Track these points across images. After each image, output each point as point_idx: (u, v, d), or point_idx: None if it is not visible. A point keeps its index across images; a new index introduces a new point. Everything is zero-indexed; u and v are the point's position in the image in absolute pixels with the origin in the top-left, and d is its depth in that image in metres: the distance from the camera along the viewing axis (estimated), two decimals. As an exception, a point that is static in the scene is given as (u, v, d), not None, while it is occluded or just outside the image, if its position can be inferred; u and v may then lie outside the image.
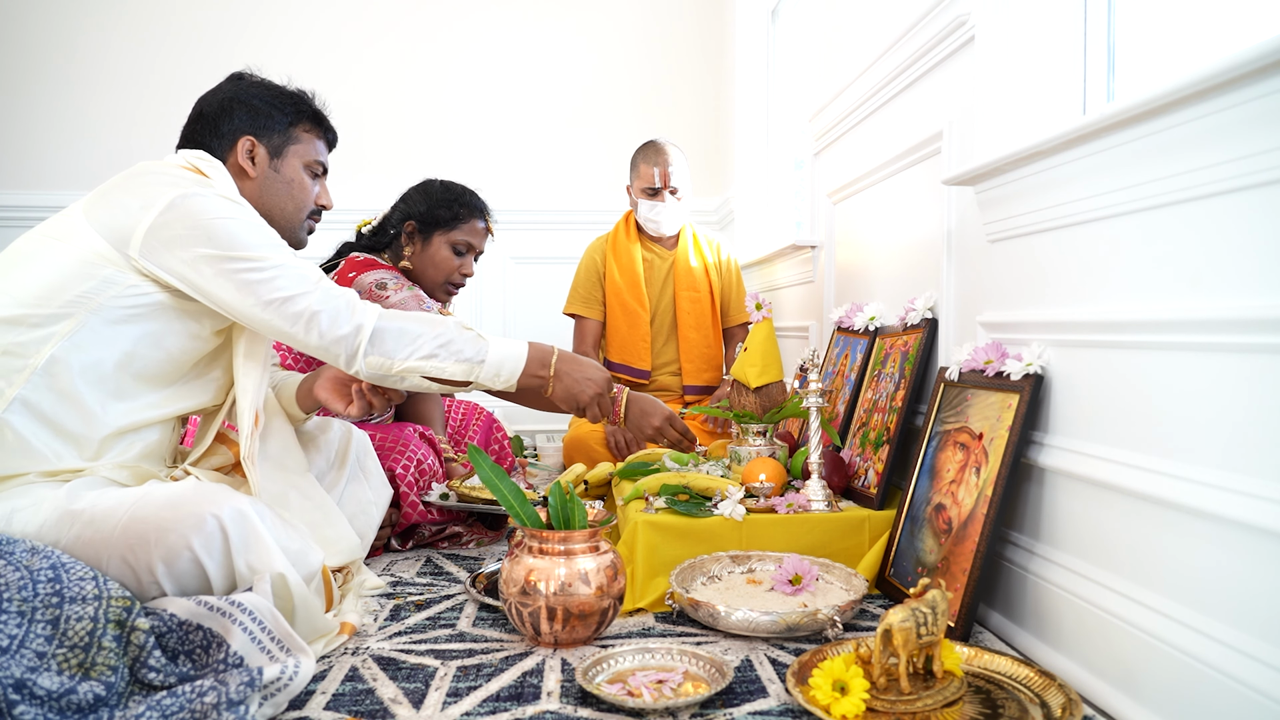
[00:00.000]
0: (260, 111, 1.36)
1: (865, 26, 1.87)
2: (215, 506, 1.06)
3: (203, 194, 1.19)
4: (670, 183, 2.47)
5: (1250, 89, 0.79)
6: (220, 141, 1.34)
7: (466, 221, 1.97)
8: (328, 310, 1.22)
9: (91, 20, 3.40)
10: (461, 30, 3.57)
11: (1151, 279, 0.97)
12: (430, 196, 1.97)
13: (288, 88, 1.42)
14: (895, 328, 1.66)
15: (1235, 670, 0.79)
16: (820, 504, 1.45)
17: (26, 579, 0.90)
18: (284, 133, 1.38)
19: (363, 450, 1.60)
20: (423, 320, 1.29)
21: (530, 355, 1.35)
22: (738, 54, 3.27)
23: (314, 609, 1.12)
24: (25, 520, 1.08)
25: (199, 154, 1.31)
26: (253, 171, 1.35)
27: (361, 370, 1.26)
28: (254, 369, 1.30)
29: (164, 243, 1.16)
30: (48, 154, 3.39)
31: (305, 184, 1.41)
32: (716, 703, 0.98)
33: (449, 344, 1.28)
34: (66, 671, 0.85)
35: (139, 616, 0.92)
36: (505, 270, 3.58)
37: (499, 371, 1.32)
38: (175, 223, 1.16)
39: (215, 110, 1.35)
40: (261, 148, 1.36)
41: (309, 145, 1.41)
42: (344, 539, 1.37)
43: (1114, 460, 1.01)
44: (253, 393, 1.29)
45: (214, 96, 1.37)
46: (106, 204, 1.19)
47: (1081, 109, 1.30)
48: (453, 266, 1.97)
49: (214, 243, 1.17)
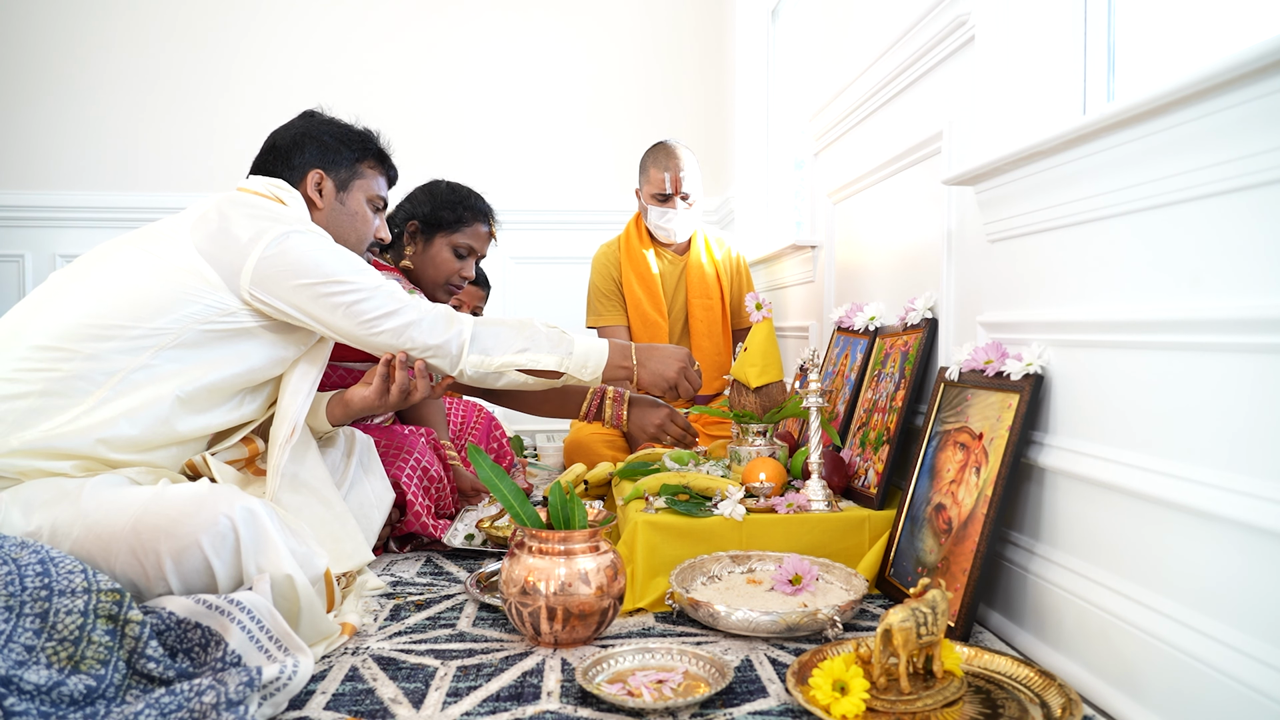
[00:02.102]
0: (329, 147, 1.46)
1: (865, 26, 1.87)
2: (228, 506, 1.07)
3: (303, 231, 1.31)
4: (682, 188, 2.42)
5: (1250, 89, 0.79)
6: (291, 173, 1.44)
7: (469, 225, 1.96)
8: (425, 320, 1.38)
9: (91, 19, 3.40)
10: (463, 32, 3.57)
11: (1152, 279, 0.97)
12: (435, 198, 1.96)
13: (355, 126, 1.53)
14: (895, 328, 1.66)
15: (1236, 670, 0.79)
16: (820, 504, 1.45)
17: (14, 573, 0.90)
18: (350, 168, 1.49)
19: (366, 453, 1.61)
20: (513, 322, 1.45)
21: (612, 349, 1.51)
22: (738, 54, 3.27)
23: (318, 612, 1.12)
24: (39, 511, 1.09)
25: (279, 183, 1.42)
26: (320, 203, 1.45)
27: (465, 369, 1.40)
28: (305, 384, 1.37)
29: (271, 277, 1.26)
30: (50, 155, 3.39)
31: (368, 217, 1.52)
32: (716, 703, 0.98)
33: (537, 337, 1.43)
34: (55, 665, 0.85)
35: (130, 609, 0.92)
36: (507, 270, 3.58)
37: (585, 362, 1.47)
38: (282, 257, 1.27)
39: (288, 144, 1.45)
40: (329, 181, 1.46)
41: (372, 181, 1.52)
42: (359, 549, 1.39)
43: (1114, 460, 1.01)
44: (298, 407, 1.35)
45: (286, 131, 1.47)
46: (212, 232, 1.26)
47: (1081, 109, 1.30)
48: (453, 269, 1.97)
49: (313, 273, 1.29)
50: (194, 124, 3.43)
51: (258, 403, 1.38)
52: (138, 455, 1.22)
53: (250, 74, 3.41)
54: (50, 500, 1.10)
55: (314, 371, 1.39)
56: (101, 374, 1.17)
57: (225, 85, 3.43)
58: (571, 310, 3.36)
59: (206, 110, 3.43)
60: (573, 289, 3.20)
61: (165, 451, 1.26)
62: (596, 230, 2.87)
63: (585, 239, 2.79)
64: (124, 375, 1.18)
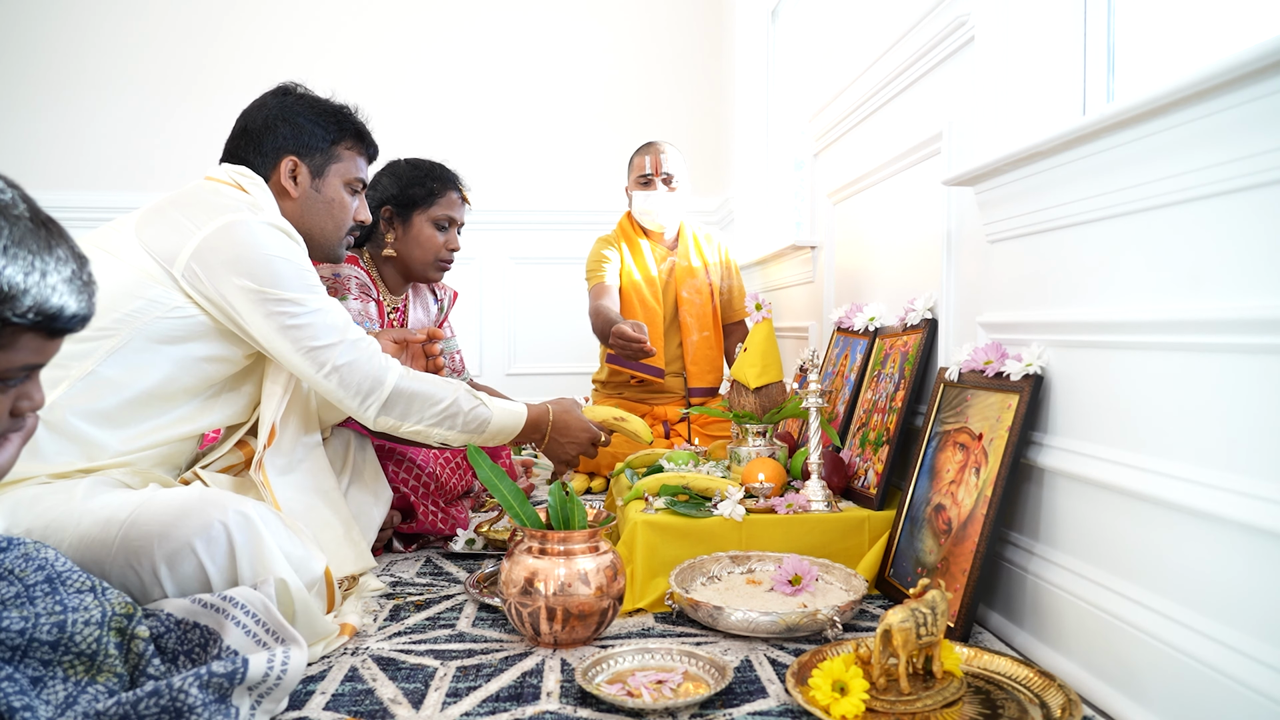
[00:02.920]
0: (304, 129, 1.38)
1: (865, 27, 1.87)
2: (221, 511, 1.06)
3: (251, 222, 1.22)
4: (662, 169, 2.46)
5: (1250, 89, 0.79)
6: (264, 159, 1.36)
7: (442, 195, 1.91)
8: (351, 364, 1.27)
9: (92, 19, 3.40)
10: (461, 30, 3.57)
11: (1151, 279, 0.97)
12: (400, 178, 1.90)
13: (332, 102, 1.44)
14: (895, 328, 1.66)
15: (1235, 671, 0.79)
16: (820, 504, 1.45)
17: (22, 594, 0.89)
18: (326, 151, 1.40)
19: (363, 454, 1.61)
20: (438, 386, 1.34)
21: (529, 421, 1.44)
22: (738, 54, 3.27)
23: (314, 614, 1.11)
24: (28, 518, 1.08)
25: (242, 170, 1.33)
26: (294, 192, 1.38)
27: (371, 426, 1.32)
28: (277, 384, 1.33)
29: (208, 267, 1.19)
30: (49, 154, 3.39)
31: (345, 202, 1.44)
32: (716, 703, 0.98)
33: (455, 417, 1.35)
34: (73, 679, 0.85)
35: (139, 624, 0.92)
36: (505, 270, 3.58)
37: (495, 437, 1.41)
38: (221, 248, 1.19)
39: (259, 127, 1.37)
40: (304, 168, 1.38)
41: (350, 163, 1.44)
42: (363, 555, 1.38)
43: (1114, 461, 1.01)
44: (273, 408, 1.31)
45: (258, 112, 1.38)
46: (157, 223, 1.21)
47: (1081, 109, 1.30)
48: (438, 244, 1.90)
49: (256, 277, 1.20)
50: (192, 121, 3.43)
51: (237, 405, 1.34)
52: (105, 460, 1.18)
53: (247, 70, 3.41)
54: (44, 507, 1.08)
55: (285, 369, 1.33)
56: (52, 381, 1.12)
57: (220, 81, 3.42)
58: (571, 310, 3.37)
59: (204, 107, 3.42)
60: (572, 289, 3.20)
61: (140, 453, 1.21)
62: (596, 230, 2.87)
63: (585, 239, 2.79)
64: (73, 380, 1.13)
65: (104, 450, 1.17)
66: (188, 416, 1.26)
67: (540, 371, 3.61)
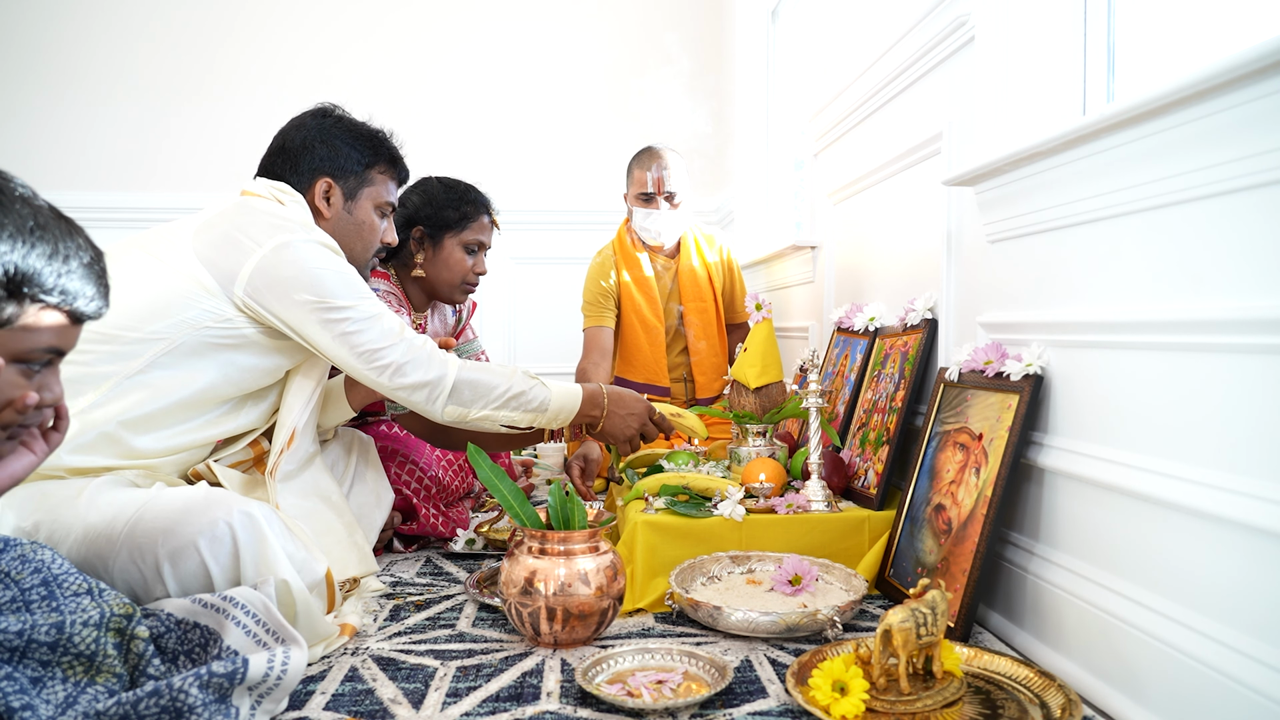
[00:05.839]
0: (340, 152, 1.41)
1: (865, 27, 1.87)
2: (226, 511, 1.07)
3: (306, 242, 1.26)
4: (665, 187, 2.36)
5: (1250, 89, 0.79)
6: (299, 179, 1.40)
7: (475, 220, 1.93)
8: (412, 361, 1.31)
9: (92, 19, 3.40)
10: (461, 31, 3.57)
11: (1151, 279, 0.97)
12: (434, 199, 1.92)
13: (368, 126, 1.47)
14: (895, 328, 1.66)
15: (1235, 670, 0.79)
16: (820, 504, 1.45)
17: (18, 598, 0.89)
18: (360, 175, 1.43)
19: (365, 454, 1.61)
20: (495, 376, 1.38)
21: (585, 399, 1.47)
22: (738, 54, 3.27)
23: (315, 615, 1.12)
24: (36, 512, 1.08)
25: (282, 186, 1.37)
26: (327, 212, 1.41)
27: (440, 417, 1.35)
28: (304, 390, 1.36)
29: (267, 286, 1.23)
30: (50, 154, 3.39)
31: (375, 225, 1.47)
32: (716, 703, 0.98)
33: (518, 395, 1.39)
34: (72, 679, 0.85)
35: (138, 624, 0.92)
36: (507, 271, 3.58)
37: (557, 417, 1.44)
38: (280, 266, 1.23)
39: (297, 146, 1.40)
40: (338, 190, 1.41)
41: (382, 187, 1.47)
42: (366, 558, 1.39)
43: (1114, 461, 1.01)
44: (297, 412, 1.34)
45: (296, 132, 1.42)
46: (214, 238, 1.24)
47: (1081, 109, 1.30)
48: (466, 267, 1.93)
49: (313, 290, 1.24)
50: (199, 123, 3.43)
51: (260, 410, 1.36)
52: (132, 460, 1.21)
53: (255, 73, 3.41)
54: (52, 502, 1.10)
55: (315, 375, 1.38)
56: (94, 379, 1.15)
57: (229, 84, 3.42)
58: (571, 310, 3.35)
59: (212, 109, 3.42)
60: (573, 289, 3.19)
61: (165, 458, 1.24)
62: (597, 230, 2.87)
63: (586, 239, 2.79)
64: (117, 381, 1.17)
65: (133, 452, 1.20)
66: (214, 421, 1.29)
67: (540, 372, 3.60)
